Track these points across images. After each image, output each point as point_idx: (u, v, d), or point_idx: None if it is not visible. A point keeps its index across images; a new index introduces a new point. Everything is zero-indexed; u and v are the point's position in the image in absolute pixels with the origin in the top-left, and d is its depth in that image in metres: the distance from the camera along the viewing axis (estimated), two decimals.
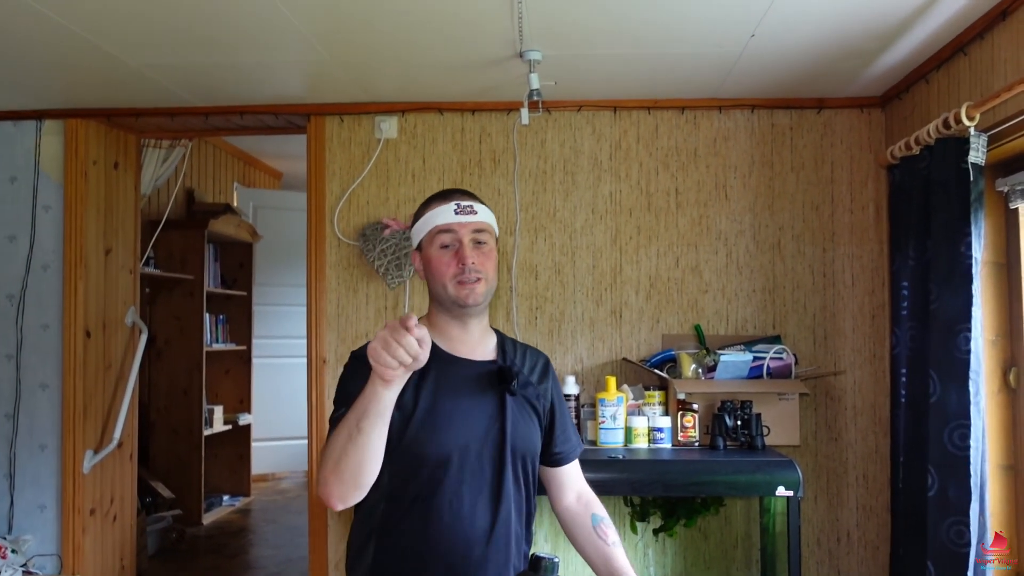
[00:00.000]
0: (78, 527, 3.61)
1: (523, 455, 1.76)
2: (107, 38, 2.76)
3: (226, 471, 6.17)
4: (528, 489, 1.79)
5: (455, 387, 1.72)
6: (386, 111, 3.56)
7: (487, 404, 1.73)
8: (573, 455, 1.91)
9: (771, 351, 3.23)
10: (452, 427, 1.68)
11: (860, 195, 3.48)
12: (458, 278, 1.72)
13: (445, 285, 1.73)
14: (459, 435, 1.68)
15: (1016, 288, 2.73)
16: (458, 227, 1.74)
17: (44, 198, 3.66)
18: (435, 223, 1.76)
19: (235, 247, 6.15)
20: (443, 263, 1.73)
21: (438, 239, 1.75)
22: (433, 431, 1.66)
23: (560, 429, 1.88)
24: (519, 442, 1.74)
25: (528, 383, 1.82)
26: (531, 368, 1.86)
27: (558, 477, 1.90)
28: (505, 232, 3.54)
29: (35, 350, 3.65)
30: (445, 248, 1.74)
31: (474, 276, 1.72)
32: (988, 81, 2.58)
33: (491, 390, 1.74)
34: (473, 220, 1.75)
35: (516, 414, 1.75)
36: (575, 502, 1.89)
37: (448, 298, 1.74)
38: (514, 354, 1.85)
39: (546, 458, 1.86)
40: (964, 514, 2.42)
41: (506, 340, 1.88)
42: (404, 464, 1.66)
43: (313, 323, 3.57)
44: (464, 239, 1.74)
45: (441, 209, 1.76)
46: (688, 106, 3.51)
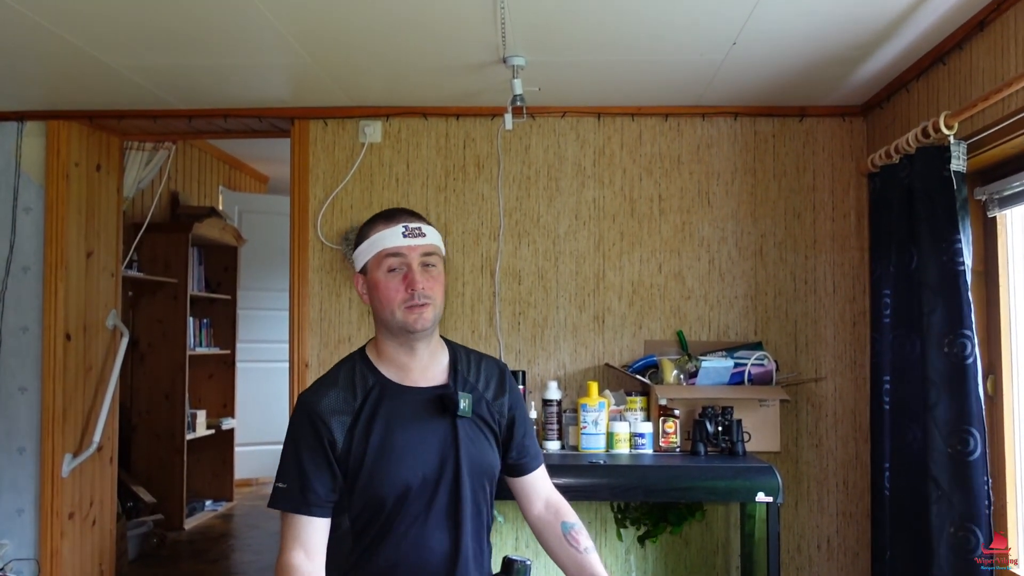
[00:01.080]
0: (56, 532, 3.58)
1: (482, 478, 1.74)
2: (89, 39, 2.75)
3: (209, 476, 6.13)
4: (487, 507, 1.78)
5: (406, 418, 1.70)
6: (370, 115, 3.56)
7: (440, 431, 1.71)
8: (534, 464, 1.89)
9: (752, 357, 3.24)
10: (406, 461, 1.66)
11: (842, 203, 3.50)
12: (407, 303, 1.67)
13: (393, 311, 1.69)
14: (414, 468, 1.66)
15: (994, 296, 2.75)
16: (407, 250, 1.69)
17: (25, 200, 3.64)
18: (382, 246, 1.70)
19: (220, 251, 6.13)
20: (391, 288, 1.69)
21: (385, 263, 1.70)
22: (387, 469, 1.65)
23: (518, 439, 1.85)
24: (475, 466, 1.72)
25: (482, 399, 1.79)
26: (486, 382, 1.82)
27: (524, 487, 1.88)
28: (489, 237, 3.54)
29: (14, 353, 3.62)
30: (392, 272, 1.70)
31: (423, 300, 1.67)
32: (967, 90, 2.61)
33: (442, 415, 1.72)
34: (422, 243, 1.71)
35: (469, 437, 1.73)
36: (544, 510, 1.87)
37: (396, 324, 1.70)
38: (467, 370, 1.82)
39: (507, 469, 1.85)
40: (971, 520, 2.42)
41: (459, 355, 1.84)
42: (364, 504, 1.66)
43: (296, 327, 3.56)
44: (413, 263, 1.69)
45: (388, 232, 1.70)
46: (671, 113, 3.53)
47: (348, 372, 1.75)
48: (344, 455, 1.65)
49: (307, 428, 1.67)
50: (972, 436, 2.43)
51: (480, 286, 3.53)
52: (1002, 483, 2.69)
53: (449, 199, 3.56)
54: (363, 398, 1.70)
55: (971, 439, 2.43)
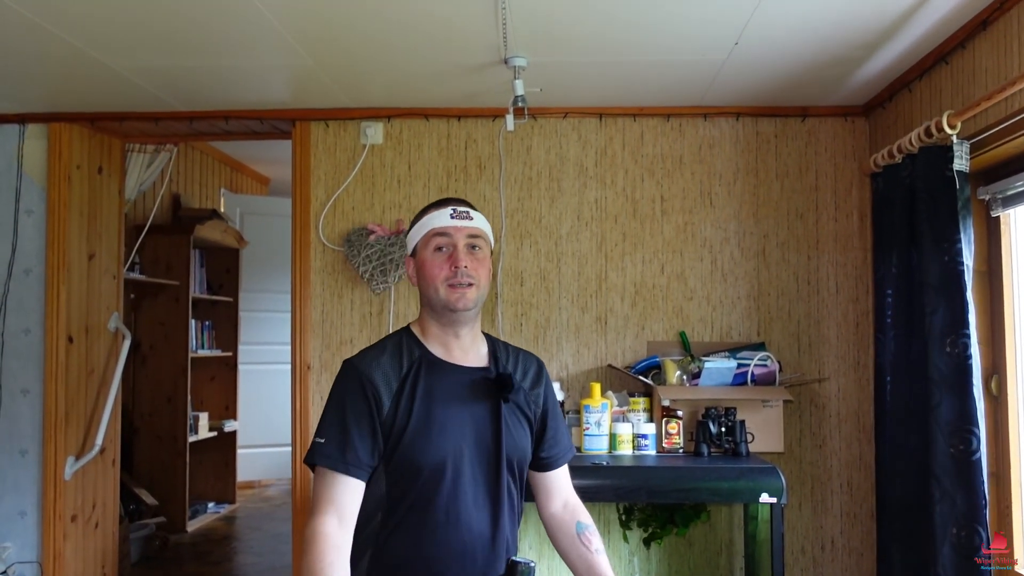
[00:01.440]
0: (59, 534, 3.57)
1: (516, 462, 1.76)
2: (91, 42, 2.75)
3: (211, 478, 6.13)
4: (519, 495, 1.80)
5: (447, 395, 1.72)
6: (372, 117, 3.56)
7: (480, 411, 1.73)
8: (562, 460, 1.90)
9: (755, 358, 3.23)
10: (446, 435, 1.67)
11: (844, 203, 3.49)
12: (450, 281, 1.71)
13: (437, 288, 1.72)
14: (453, 443, 1.68)
15: (997, 296, 2.75)
16: (453, 231, 1.74)
17: (27, 202, 3.64)
18: (430, 226, 1.76)
19: (221, 253, 6.12)
20: (436, 265, 1.73)
21: (433, 242, 1.75)
22: (428, 440, 1.66)
23: (551, 433, 1.87)
24: (512, 449, 1.74)
25: (520, 389, 1.81)
26: (524, 373, 1.85)
27: (546, 483, 1.89)
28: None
29: (16, 355, 3.62)
30: (439, 251, 1.74)
31: (466, 280, 1.71)
32: (969, 90, 2.60)
33: (484, 397, 1.74)
34: (468, 225, 1.76)
35: (509, 421, 1.75)
36: (561, 509, 1.88)
37: (439, 301, 1.73)
38: (506, 360, 1.85)
39: (534, 462, 1.86)
40: (974, 520, 2.42)
41: (498, 345, 1.88)
42: (400, 474, 1.66)
43: (298, 329, 3.55)
44: (459, 243, 1.74)
45: (437, 213, 1.76)
46: (673, 114, 3.52)
47: (396, 343, 1.78)
48: (389, 421, 1.66)
49: (356, 388, 1.68)
50: (974, 436, 2.42)
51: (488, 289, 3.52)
52: (1007, 483, 2.68)
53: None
54: (409, 367, 1.72)
55: (973, 439, 2.42)
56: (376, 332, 3.50)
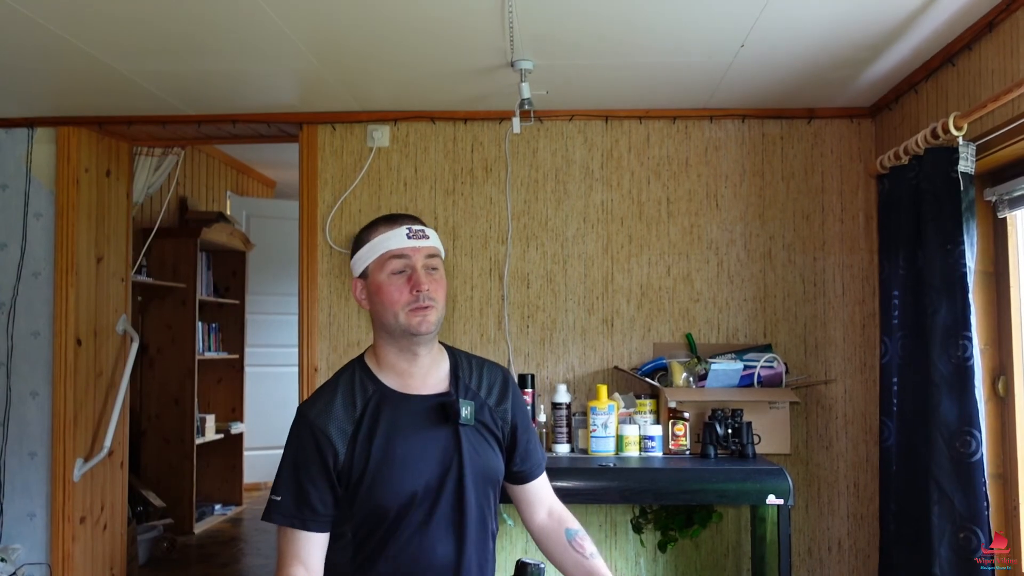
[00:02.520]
0: (68, 536, 3.59)
1: (486, 484, 1.73)
2: (99, 45, 2.77)
3: (218, 480, 6.14)
4: (492, 514, 1.77)
5: (407, 427, 1.67)
6: (378, 120, 3.57)
7: (442, 439, 1.68)
8: (537, 472, 1.86)
9: (762, 360, 3.23)
10: (408, 470, 1.64)
11: (850, 204, 3.49)
12: (411, 305, 1.65)
13: (396, 314, 1.66)
14: (417, 477, 1.64)
15: (1004, 297, 2.75)
16: (411, 252, 1.67)
17: (35, 205, 3.66)
18: (385, 248, 1.68)
19: (228, 256, 6.14)
20: (395, 289, 1.66)
21: (389, 265, 1.67)
22: (389, 478, 1.63)
23: (522, 446, 1.83)
24: (479, 472, 1.70)
25: (484, 406, 1.76)
26: (489, 389, 1.80)
27: (527, 494, 1.86)
28: (497, 241, 3.54)
29: (25, 358, 3.64)
30: (397, 274, 1.67)
31: (427, 303, 1.65)
32: (976, 91, 2.60)
33: (445, 423, 1.69)
34: (426, 245, 1.70)
35: (473, 444, 1.71)
36: (547, 518, 1.85)
37: (399, 327, 1.67)
38: (469, 377, 1.79)
39: (510, 476, 1.83)
40: (973, 521, 2.42)
41: (460, 361, 1.81)
42: (366, 514, 1.65)
43: (305, 331, 3.56)
44: (417, 264, 1.67)
45: (392, 233, 1.69)
46: (679, 116, 3.53)
47: (348, 381, 1.73)
48: (346, 466, 1.63)
49: (307, 441, 1.66)
50: (974, 438, 2.42)
51: (489, 289, 3.54)
52: (1014, 484, 2.68)
53: (457, 203, 3.56)
54: (363, 407, 1.68)
55: (973, 440, 2.43)
56: None
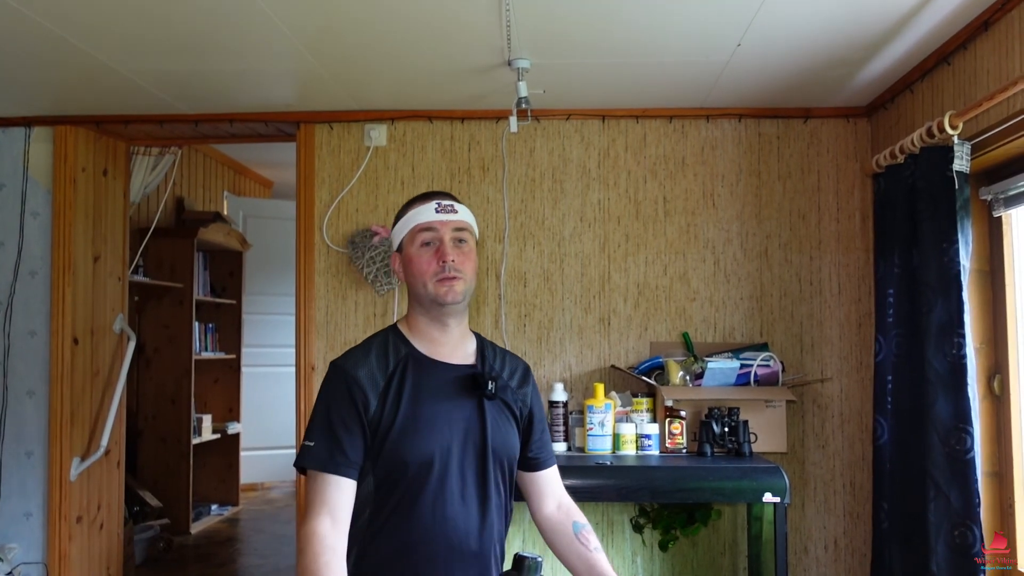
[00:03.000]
0: (64, 535, 3.59)
1: (503, 458, 1.77)
2: (97, 45, 2.77)
3: (214, 480, 6.14)
4: (508, 493, 1.80)
5: (434, 391, 1.73)
6: (376, 119, 3.57)
7: (466, 408, 1.74)
8: (550, 461, 1.92)
9: (758, 358, 3.24)
10: (432, 431, 1.68)
11: (846, 204, 3.50)
12: (438, 276, 1.72)
13: (425, 283, 1.73)
14: (440, 439, 1.68)
15: (1000, 296, 2.76)
16: (439, 225, 1.75)
17: (32, 204, 3.66)
18: (416, 222, 1.77)
19: (225, 255, 6.14)
20: (423, 260, 1.74)
21: (419, 237, 1.76)
22: (414, 436, 1.67)
23: (537, 434, 1.88)
24: (499, 445, 1.75)
25: (507, 386, 1.83)
26: (511, 373, 1.87)
27: (538, 484, 1.90)
28: (494, 240, 3.55)
29: (22, 357, 3.63)
30: (426, 246, 1.75)
31: (453, 273, 1.72)
32: (971, 90, 2.61)
33: (470, 394, 1.75)
34: (453, 218, 1.77)
35: (495, 417, 1.76)
36: (556, 511, 1.89)
37: (427, 296, 1.74)
38: (493, 359, 1.86)
39: (523, 462, 1.87)
40: (969, 518, 2.43)
41: (486, 345, 1.89)
42: (388, 471, 1.67)
43: (302, 330, 3.56)
44: (444, 237, 1.75)
45: (422, 208, 1.77)
46: (676, 115, 3.54)
47: (382, 342, 1.79)
48: (376, 419, 1.67)
49: (341, 389, 1.69)
50: (968, 435, 2.43)
51: (486, 288, 3.54)
52: (1009, 482, 2.69)
53: None
54: (395, 366, 1.73)
55: (967, 438, 2.44)
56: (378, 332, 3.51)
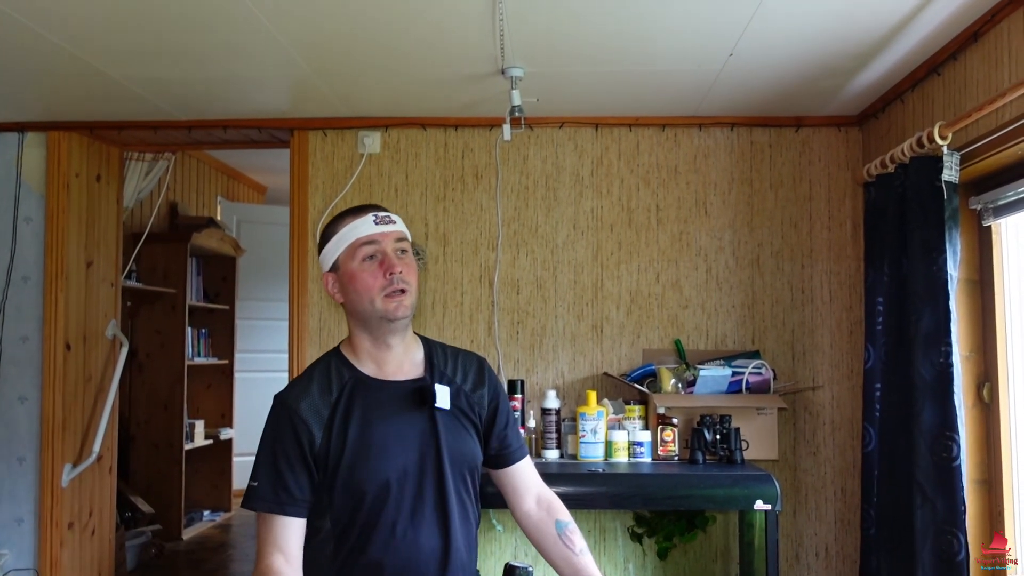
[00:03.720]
0: (56, 541, 3.58)
1: (463, 468, 1.73)
2: (90, 50, 2.77)
3: (207, 486, 6.12)
4: (473, 501, 1.77)
5: (384, 412, 1.69)
6: (369, 126, 3.58)
7: (419, 423, 1.70)
8: (518, 455, 1.87)
9: (750, 366, 3.25)
10: (386, 455, 1.65)
11: (838, 212, 3.52)
12: (386, 290, 1.67)
13: (372, 299, 1.68)
14: (394, 461, 1.66)
15: (989, 305, 2.77)
16: (380, 237, 1.70)
17: (25, 210, 3.66)
18: (355, 236, 1.70)
19: (218, 261, 6.13)
20: (367, 275, 1.68)
21: (360, 252, 1.70)
22: (367, 463, 1.64)
23: (500, 428, 1.84)
24: (457, 456, 1.71)
25: (460, 391, 1.78)
26: (464, 375, 1.82)
27: (511, 480, 1.86)
28: (487, 247, 3.56)
29: (14, 362, 3.63)
30: (369, 260, 1.69)
31: (402, 286, 1.68)
32: (961, 101, 2.63)
33: (420, 408, 1.71)
34: (393, 229, 1.72)
35: (450, 428, 1.72)
36: (535, 506, 1.85)
37: (375, 313, 1.69)
38: (444, 363, 1.81)
39: (490, 461, 1.84)
40: (954, 525, 2.44)
41: (435, 349, 1.84)
42: (345, 501, 1.65)
43: (295, 337, 3.57)
44: (387, 248, 1.70)
45: (358, 222, 1.71)
46: (669, 123, 3.55)
47: (323, 369, 1.75)
48: (323, 452, 1.65)
49: (284, 426, 1.67)
50: (955, 443, 2.45)
51: (479, 296, 3.55)
52: (999, 490, 2.70)
53: (448, 209, 3.58)
54: (339, 393, 1.69)
55: (954, 446, 2.45)
56: None
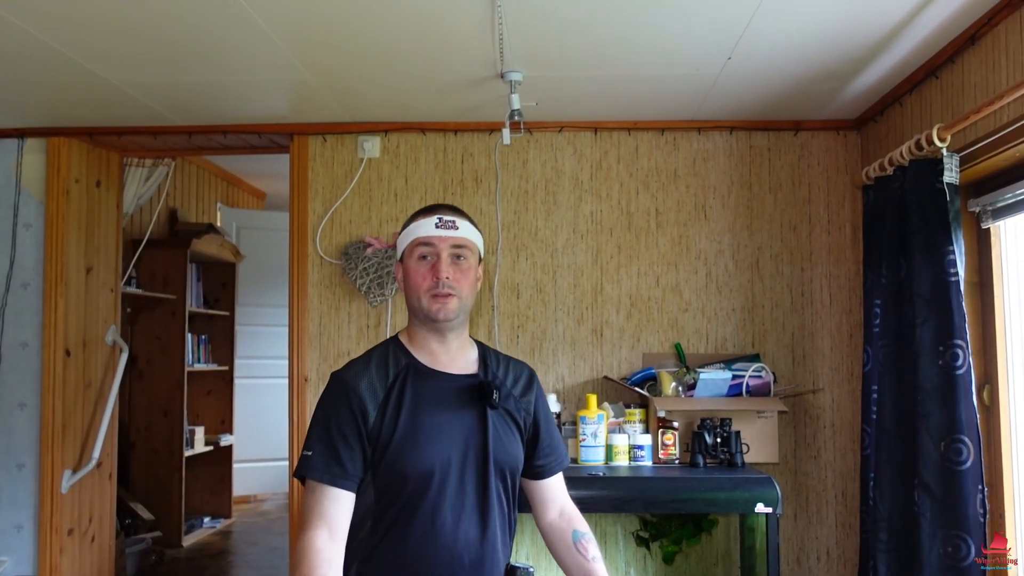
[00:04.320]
0: (55, 548, 3.57)
1: (505, 469, 1.75)
2: (90, 56, 2.78)
3: (207, 492, 6.11)
4: (511, 504, 1.79)
5: (435, 402, 1.72)
6: (369, 131, 3.59)
7: (468, 418, 1.73)
8: (556, 468, 1.90)
9: (750, 369, 3.25)
10: (432, 443, 1.67)
11: (837, 215, 3.53)
12: (432, 292, 1.72)
13: (419, 297, 1.73)
14: (440, 450, 1.67)
15: (989, 307, 2.78)
16: (437, 240, 1.74)
17: (25, 216, 3.66)
18: (415, 235, 1.77)
19: (218, 267, 6.14)
20: (419, 275, 1.74)
21: (417, 251, 1.76)
22: (414, 448, 1.66)
23: (545, 442, 1.87)
24: (501, 456, 1.73)
25: (510, 395, 1.81)
26: (515, 381, 1.85)
27: (541, 492, 1.89)
28: (487, 251, 3.56)
29: (14, 368, 3.63)
30: (423, 260, 1.75)
31: (446, 291, 1.71)
32: (959, 103, 2.64)
33: (472, 404, 1.74)
34: (453, 235, 1.76)
35: (498, 428, 1.75)
36: (558, 518, 1.88)
37: (421, 311, 1.74)
38: (496, 367, 1.84)
39: (528, 471, 1.86)
40: (962, 528, 2.44)
41: (488, 353, 1.88)
42: (388, 483, 1.67)
43: (295, 342, 3.57)
44: (442, 253, 1.74)
45: (423, 222, 1.77)
46: (668, 127, 3.56)
47: (382, 353, 1.79)
48: (375, 430, 1.67)
49: (341, 400, 1.69)
50: (964, 445, 2.44)
51: (479, 300, 3.55)
52: (999, 492, 2.70)
53: None
54: (395, 377, 1.73)
55: (963, 448, 2.44)
56: (374, 344, 3.52)
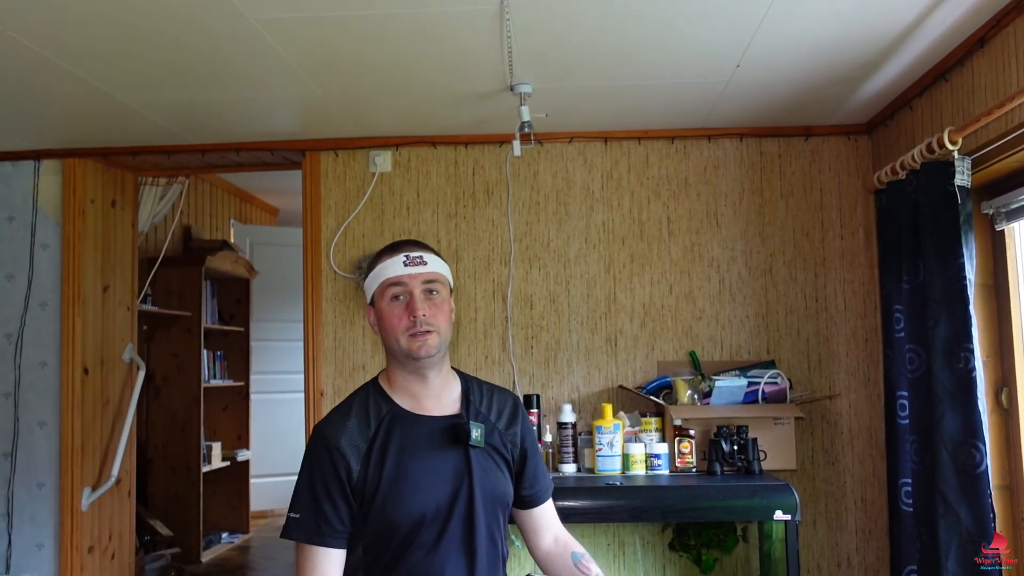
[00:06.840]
0: (76, 565, 3.59)
1: (495, 506, 1.74)
2: (104, 78, 2.81)
3: (225, 508, 6.13)
4: (502, 537, 1.78)
5: (419, 447, 1.70)
6: (380, 145, 3.61)
7: (453, 460, 1.71)
8: (544, 496, 1.89)
9: (766, 376, 3.25)
10: (419, 490, 1.66)
11: (849, 220, 3.52)
12: (410, 331, 1.69)
13: (398, 339, 1.71)
14: (428, 497, 1.66)
15: (1005, 309, 2.76)
16: (408, 279, 1.72)
17: (42, 236, 3.70)
18: (384, 276, 1.73)
19: (232, 283, 6.17)
20: (394, 316, 1.71)
21: (388, 292, 1.72)
22: (401, 497, 1.65)
23: (530, 472, 1.85)
24: (489, 494, 1.72)
25: (495, 430, 1.79)
26: (499, 413, 1.83)
27: (533, 520, 1.88)
28: (500, 263, 3.57)
29: (33, 388, 3.66)
30: (396, 300, 1.72)
31: (424, 328, 1.69)
32: (969, 106, 2.64)
33: (456, 445, 1.72)
34: (423, 271, 1.73)
35: (483, 466, 1.73)
36: (553, 544, 1.87)
37: (401, 351, 1.71)
38: (480, 401, 1.82)
39: (518, 501, 1.85)
40: (979, 534, 2.42)
41: (471, 386, 1.85)
42: (376, 532, 1.66)
43: (311, 356, 3.58)
44: (415, 291, 1.71)
45: (390, 262, 1.74)
46: (678, 136, 3.57)
47: (362, 401, 1.77)
48: (360, 483, 1.66)
49: (323, 458, 1.68)
50: (978, 450, 2.43)
51: (492, 311, 3.56)
52: (1020, 495, 2.68)
53: (459, 226, 3.59)
54: (377, 426, 1.71)
55: (977, 453, 2.43)
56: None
